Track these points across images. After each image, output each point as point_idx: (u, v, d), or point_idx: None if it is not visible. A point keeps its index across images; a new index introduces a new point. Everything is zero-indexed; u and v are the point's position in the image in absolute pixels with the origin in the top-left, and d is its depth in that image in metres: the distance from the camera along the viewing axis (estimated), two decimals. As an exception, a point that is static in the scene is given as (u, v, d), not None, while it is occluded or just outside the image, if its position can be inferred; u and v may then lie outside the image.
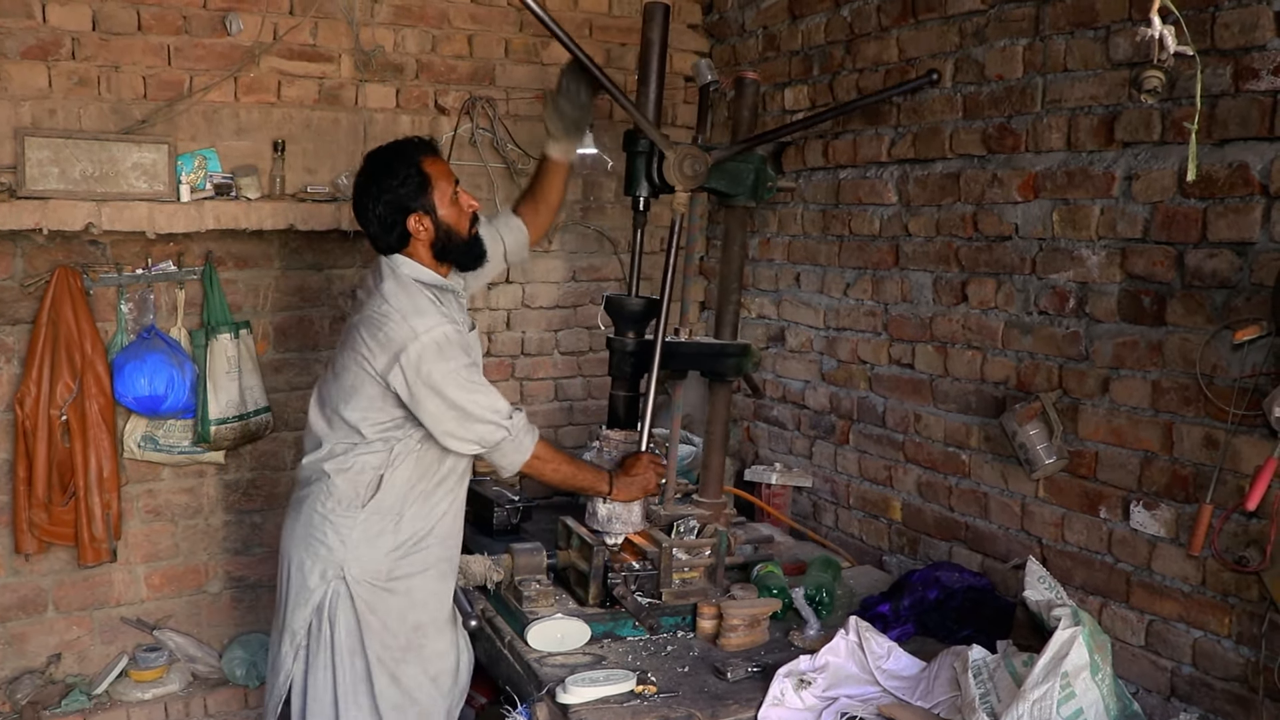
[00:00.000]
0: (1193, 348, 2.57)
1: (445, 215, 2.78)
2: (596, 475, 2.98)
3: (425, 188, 2.75)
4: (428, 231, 2.76)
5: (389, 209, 2.73)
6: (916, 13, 3.40)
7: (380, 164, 2.76)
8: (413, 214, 2.74)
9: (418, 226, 2.75)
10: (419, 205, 2.74)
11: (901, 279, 3.53)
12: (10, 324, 3.65)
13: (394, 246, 2.78)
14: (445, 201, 2.78)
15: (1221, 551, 2.50)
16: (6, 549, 3.73)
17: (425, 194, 2.74)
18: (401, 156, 2.75)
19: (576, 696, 2.55)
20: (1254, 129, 2.41)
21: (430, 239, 2.78)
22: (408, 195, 2.73)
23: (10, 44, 3.42)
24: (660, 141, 3.05)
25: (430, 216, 2.76)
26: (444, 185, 2.78)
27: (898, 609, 3.00)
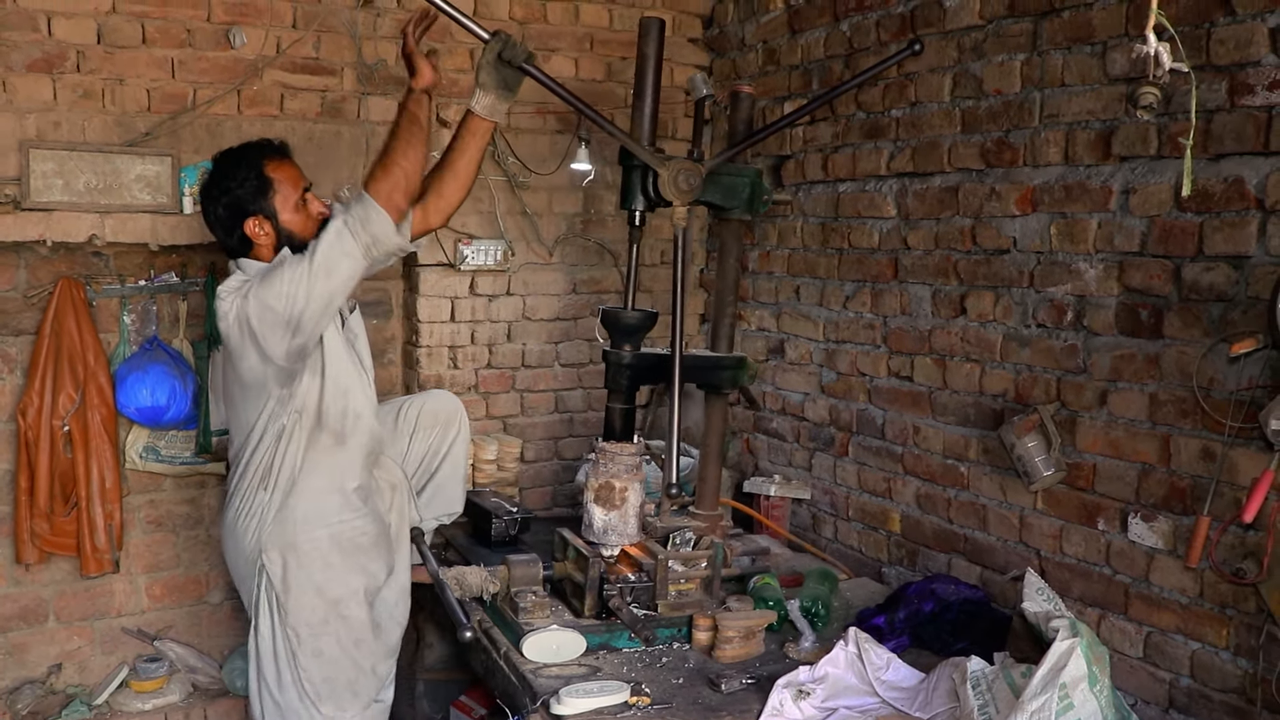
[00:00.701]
0: (1190, 360, 2.58)
1: (287, 221, 2.76)
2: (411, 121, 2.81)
3: (265, 192, 2.73)
4: (268, 236, 2.76)
5: (228, 211, 2.73)
6: (915, 27, 3.42)
7: (224, 165, 2.76)
8: (251, 217, 2.73)
9: (257, 230, 2.74)
10: (257, 209, 2.73)
11: (900, 292, 3.55)
12: (13, 335, 3.67)
13: (237, 250, 2.80)
14: (289, 207, 2.76)
15: (1219, 563, 2.51)
16: (8, 559, 3.74)
17: (265, 198, 2.73)
18: (244, 159, 2.74)
19: (571, 708, 2.55)
20: (1249, 144, 2.42)
21: (271, 243, 2.77)
22: (246, 198, 2.72)
23: (16, 57, 3.45)
24: (650, 159, 3.04)
25: (271, 221, 2.74)
26: (288, 190, 2.76)
27: (893, 621, 3.00)
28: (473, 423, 4.27)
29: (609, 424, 3.21)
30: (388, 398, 4.35)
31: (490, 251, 4.23)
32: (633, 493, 3.04)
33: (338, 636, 2.92)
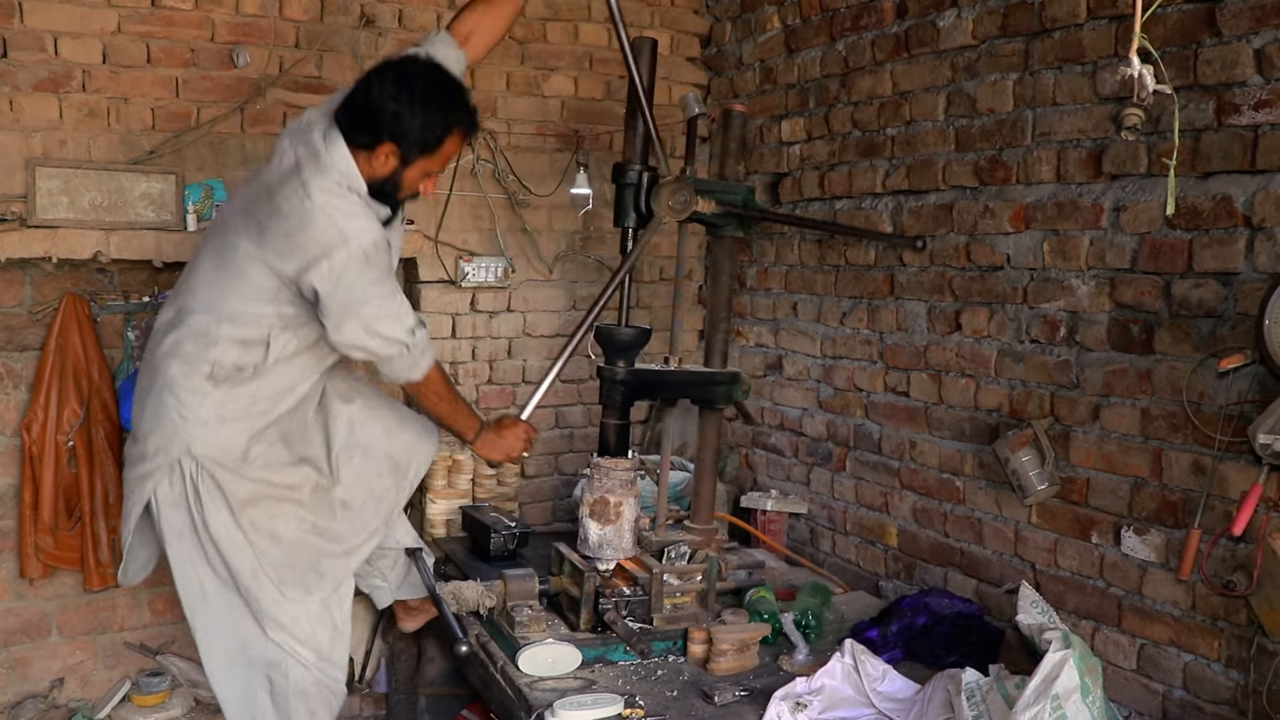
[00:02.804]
0: (1180, 376, 2.61)
1: (407, 177, 2.62)
2: (469, 421, 2.94)
3: (426, 147, 2.58)
4: (383, 166, 2.58)
5: (387, 121, 2.51)
6: (910, 47, 3.46)
7: (434, 92, 2.56)
8: (392, 144, 2.54)
9: (384, 157, 2.56)
10: (405, 148, 2.56)
11: (896, 308, 3.58)
12: (18, 350, 3.70)
13: (352, 139, 2.54)
14: (418, 171, 2.64)
15: (1210, 576, 2.53)
16: (11, 574, 3.76)
17: (419, 149, 2.57)
18: (449, 107, 2.57)
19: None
20: (1236, 162, 2.46)
21: (375, 174, 2.59)
22: (411, 134, 2.54)
23: (23, 76, 3.50)
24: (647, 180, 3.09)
25: (399, 164, 2.59)
26: (436, 163, 2.66)
27: (886, 635, 3.02)
28: (473, 438, 4.30)
29: (604, 440, 3.24)
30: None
31: (491, 269, 4.27)
32: (627, 507, 3.07)
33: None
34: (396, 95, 2.50)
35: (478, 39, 2.86)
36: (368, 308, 2.56)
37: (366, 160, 2.58)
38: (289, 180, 2.53)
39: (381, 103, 2.51)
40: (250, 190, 2.66)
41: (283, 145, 2.64)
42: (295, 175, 2.53)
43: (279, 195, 2.53)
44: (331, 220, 2.49)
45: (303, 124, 2.67)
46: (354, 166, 2.56)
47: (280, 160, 2.61)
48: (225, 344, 2.64)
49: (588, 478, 3.12)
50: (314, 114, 2.69)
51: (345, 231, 2.50)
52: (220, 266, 2.64)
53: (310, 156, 2.55)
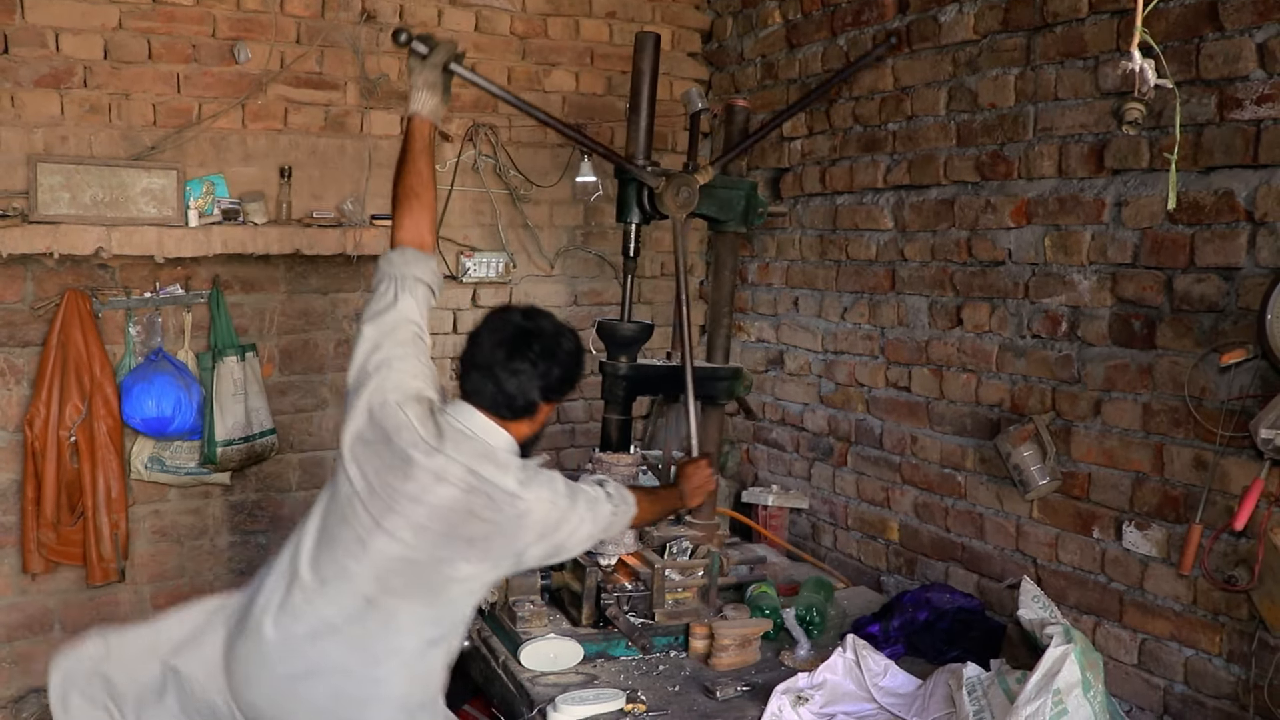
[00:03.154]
0: (1182, 371, 2.61)
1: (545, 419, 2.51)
2: (672, 501, 2.85)
3: (572, 384, 2.48)
4: (537, 425, 2.45)
5: (557, 384, 2.39)
6: (911, 42, 3.46)
7: (575, 345, 2.47)
8: (550, 403, 2.43)
9: (545, 414, 2.44)
10: (560, 396, 2.46)
11: (898, 303, 3.58)
12: (20, 346, 3.70)
13: (504, 411, 2.35)
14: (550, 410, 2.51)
15: (1211, 571, 2.54)
16: (14, 569, 3.77)
17: (567, 393, 2.48)
18: (576, 351, 2.47)
19: (567, 715, 2.58)
20: (1238, 157, 2.46)
21: (532, 433, 2.45)
22: (562, 386, 2.43)
23: (24, 72, 3.50)
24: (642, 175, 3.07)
25: (551, 412, 2.51)
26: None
27: (887, 629, 3.03)
28: (474, 433, 4.30)
29: (605, 435, 3.24)
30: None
31: (492, 264, 4.27)
32: (630, 503, 3.07)
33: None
34: (548, 371, 2.38)
35: (428, 235, 2.66)
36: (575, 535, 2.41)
37: (525, 426, 2.42)
38: (480, 495, 2.27)
39: (531, 381, 2.36)
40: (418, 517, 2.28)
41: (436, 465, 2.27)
42: (485, 488, 2.28)
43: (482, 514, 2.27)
44: (540, 500, 2.33)
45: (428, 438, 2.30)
46: (506, 434, 2.38)
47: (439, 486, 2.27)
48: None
49: (589, 473, 3.12)
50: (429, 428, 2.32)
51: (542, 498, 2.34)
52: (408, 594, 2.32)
53: (484, 459, 2.30)
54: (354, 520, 2.26)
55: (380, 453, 2.26)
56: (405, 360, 2.37)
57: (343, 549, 2.26)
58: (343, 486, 2.29)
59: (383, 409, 2.28)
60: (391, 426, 2.26)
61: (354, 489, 2.26)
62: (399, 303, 2.43)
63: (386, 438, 2.26)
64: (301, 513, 4.19)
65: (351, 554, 2.25)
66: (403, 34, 2.64)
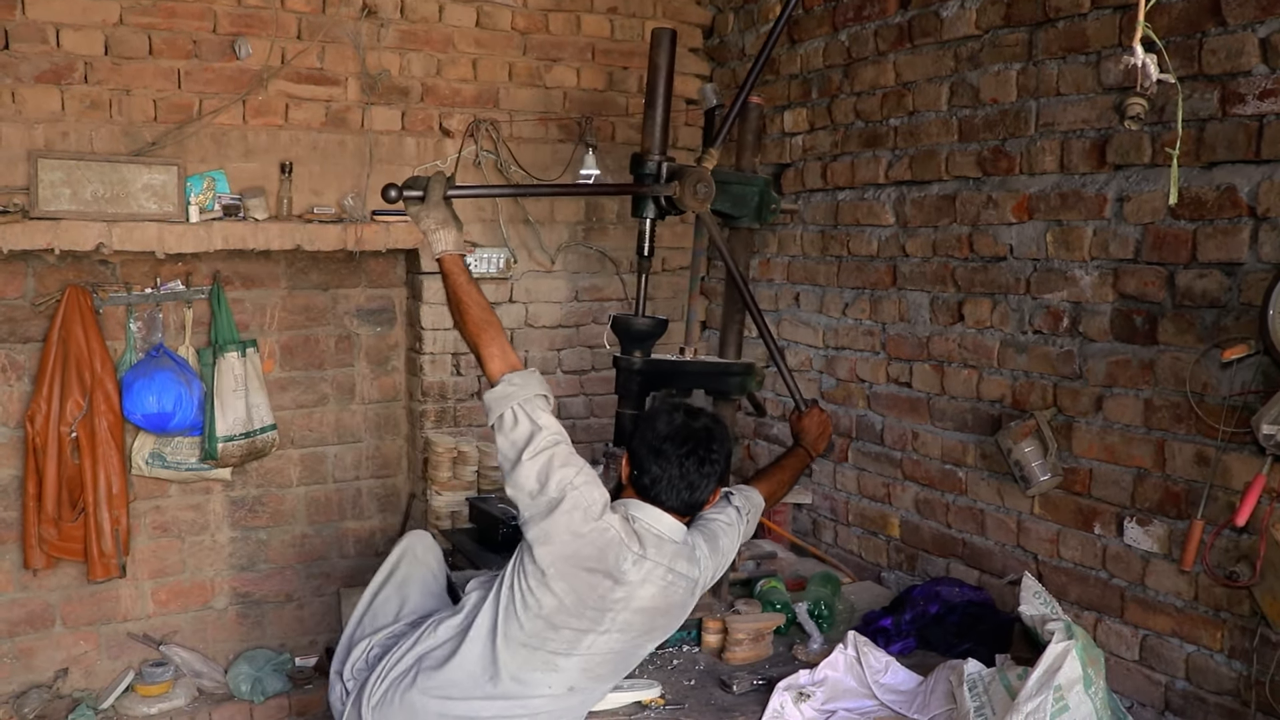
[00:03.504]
0: (1183, 366, 2.61)
1: None
2: (795, 461, 3.05)
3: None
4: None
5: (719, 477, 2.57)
6: (913, 38, 3.46)
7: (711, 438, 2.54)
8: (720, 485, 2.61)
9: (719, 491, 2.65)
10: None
11: (899, 299, 3.58)
12: (21, 342, 3.71)
13: (692, 509, 2.56)
14: None
15: (1213, 567, 2.53)
16: (15, 564, 3.77)
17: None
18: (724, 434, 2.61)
19: (606, 702, 2.60)
20: (1241, 152, 2.45)
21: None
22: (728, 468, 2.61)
23: (25, 68, 3.50)
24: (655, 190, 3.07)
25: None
26: None
27: (899, 623, 3.03)
28: (476, 429, 4.31)
29: (619, 429, 3.23)
30: (391, 403, 4.40)
31: (493, 259, 4.27)
32: (643, 498, 3.07)
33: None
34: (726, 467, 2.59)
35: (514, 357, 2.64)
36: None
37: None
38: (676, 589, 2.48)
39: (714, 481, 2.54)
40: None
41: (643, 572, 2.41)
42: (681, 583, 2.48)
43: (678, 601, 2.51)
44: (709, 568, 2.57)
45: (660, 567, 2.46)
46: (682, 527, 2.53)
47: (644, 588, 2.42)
48: None
49: (603, 468, 3.12)
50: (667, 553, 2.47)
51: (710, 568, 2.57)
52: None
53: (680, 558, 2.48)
54: (562, 628, 2.37)
55: (593, 571, 2.36)
56: (581, 474, 2.42)
57: (547, 652, 2.39)
58: (545, 599, 2.35)
59: (589, 529, 2.36)
60: (602, 544, 2.36)
61: (562, 603, 2.35)
62: (539, 422, 2.44)
63: (600, 555, 2.36)
64: (302, 510, 4.22)
65: (559, 654, 2.39)
66: (391, 190, 2.59)
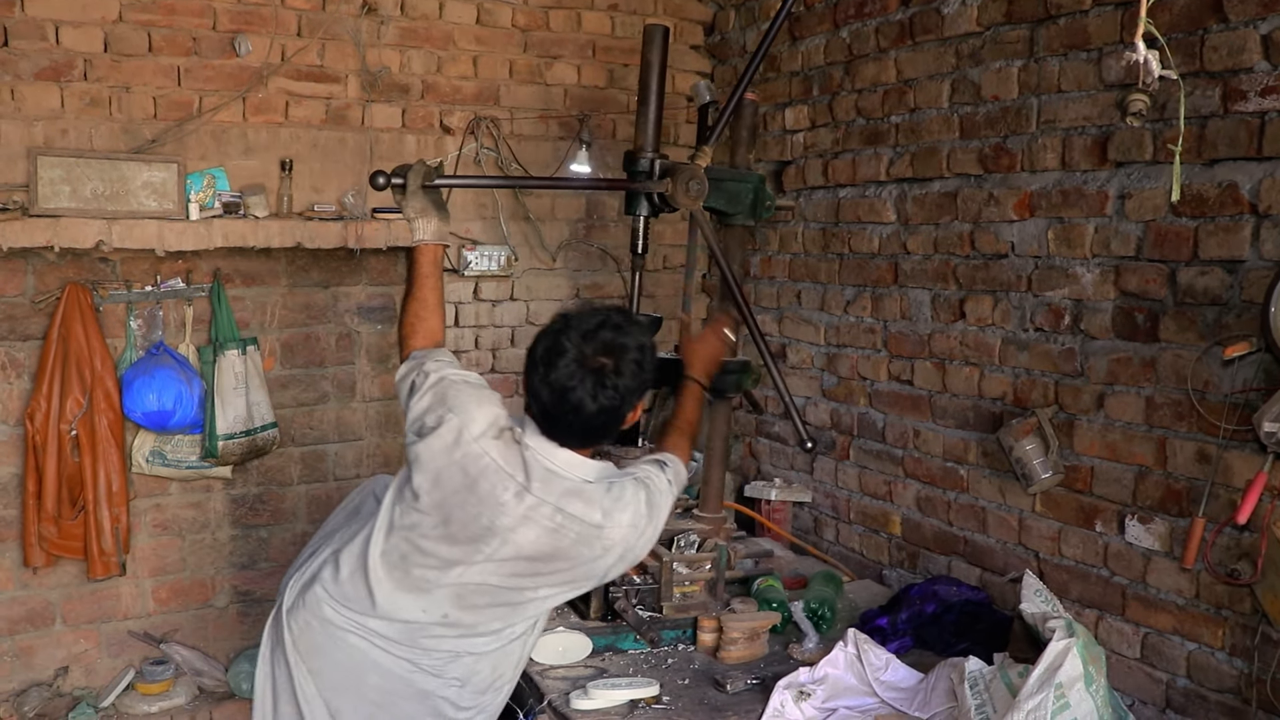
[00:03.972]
0: (1185, 364, 2.60)
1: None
2: (690, 401, 2.74)
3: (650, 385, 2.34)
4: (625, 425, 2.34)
5: (641, 391, 2.30)
6: (914, 34, 3.45)
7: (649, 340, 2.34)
8: (635, 410, 2.33)
9: (635, 415, 2.34)
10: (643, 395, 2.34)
11: (900, 296, 3.57)
12: (21, 340, 3.70)
13: (596, 437, 2.32)
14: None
15: (1214, 565, 2.53)
16: (15, 562, 3.77)
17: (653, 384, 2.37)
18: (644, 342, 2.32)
19: (603, 700, 2.60)
20: (1243, 149, 2.45)
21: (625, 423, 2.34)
22: (644, 388, 2.31)
23: (24, 65, 3.49)
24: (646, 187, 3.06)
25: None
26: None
27: (895, 622, 3.03)
28: (476, 427, 4.30)
29: (614, 427, 3.23)
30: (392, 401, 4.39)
31: (494, 257, 4.26)
32: (636, 496, 3.06)
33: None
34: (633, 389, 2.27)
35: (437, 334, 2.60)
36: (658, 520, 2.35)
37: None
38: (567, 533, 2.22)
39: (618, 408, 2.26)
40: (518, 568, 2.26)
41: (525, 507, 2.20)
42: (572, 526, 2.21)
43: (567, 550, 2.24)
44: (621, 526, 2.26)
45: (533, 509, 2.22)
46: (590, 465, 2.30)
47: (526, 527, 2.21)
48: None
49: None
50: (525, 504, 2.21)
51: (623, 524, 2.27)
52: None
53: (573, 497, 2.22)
54: (430, 553, 2.22)
55: (465, 498, 2.17)
56: (468, 397, 2.25)
57: (416, 575, 2.24)
58: (417, 522, 2.22)
59: (461, 453, 2.18)
60: (475, 471, 2.17)
61: (432, 528, 2.21)
62: (426, 369, 2.35)
63: (472, 482, 2.17)
64: (303, 508, 4.21)
65: (429, 579, 2.24)
66: (380, 177, 2.56)
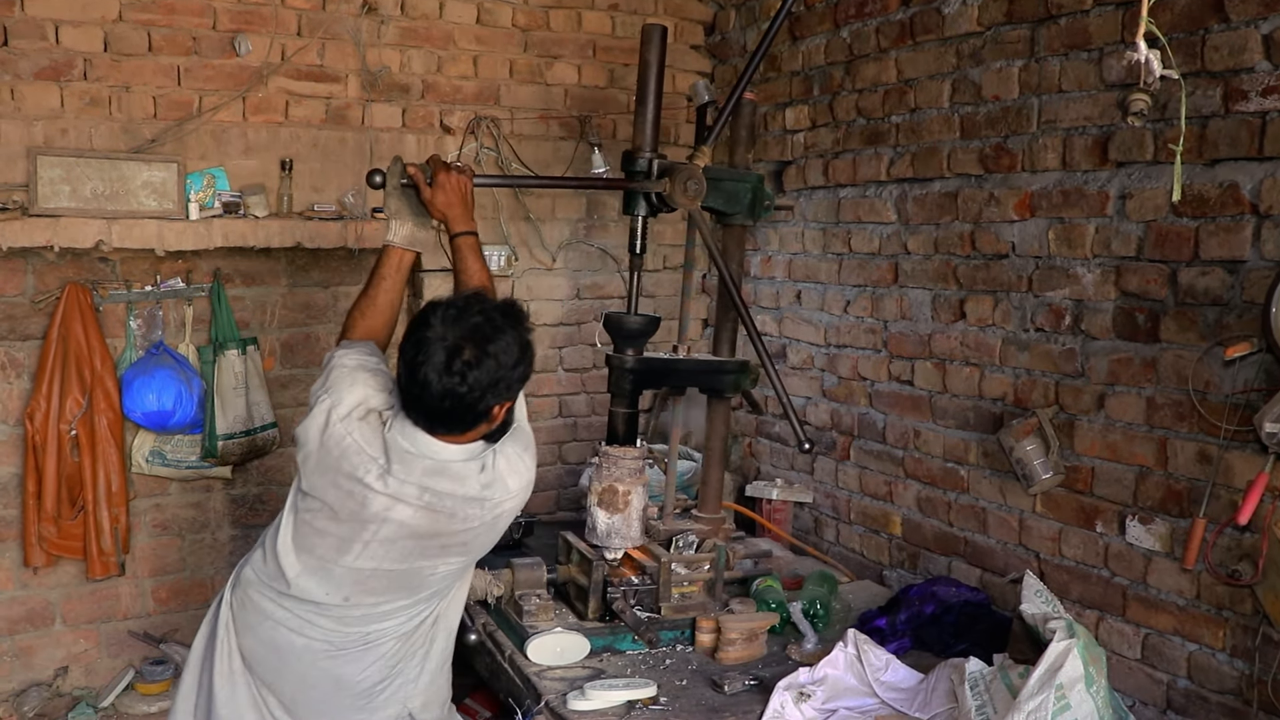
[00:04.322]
0: (1186, 364, 2.60)
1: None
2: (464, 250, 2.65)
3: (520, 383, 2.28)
4: (498, 420, 2.27)
5: (506, 389, 2.21)
6: (914, 34, 3.45)
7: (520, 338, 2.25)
8: (501, 404, 2.24)
9: (498, 413, 2.25)
10: (516, 393, 2.28)
11: (901, 296, 3.57)
12: (21, 340, 3.70)
13: (463, 427, 2.22)
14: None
15: (1215, 565, 2.53)
16: (15, 562, 3.77)
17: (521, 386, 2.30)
18: (529, 344, 2.28)
19: (600, 700, 2.59)
20: (1244, 149, 2.45)
21: (490, 429, 2.28)
22: (518, 382, 2.25)
23: (24, 65, 3.49)
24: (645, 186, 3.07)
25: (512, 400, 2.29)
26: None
27: (894, 623, 3.02)
28: (476, 427, 4.30)
29: (612, 428, 3.23)
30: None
31: (494, 257, 4.25)
32: (636, 496, 3.06)
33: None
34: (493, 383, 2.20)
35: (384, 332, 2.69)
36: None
37: (485, 426, 2.26)
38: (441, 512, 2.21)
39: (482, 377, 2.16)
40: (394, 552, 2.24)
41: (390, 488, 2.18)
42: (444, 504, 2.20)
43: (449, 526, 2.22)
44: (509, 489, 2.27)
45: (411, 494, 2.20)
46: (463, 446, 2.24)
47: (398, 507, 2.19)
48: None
49: (596, 466, 3.11)
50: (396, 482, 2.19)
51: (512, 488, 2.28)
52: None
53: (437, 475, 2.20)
54: (326, 534, 2.21)
55: (339, 479, 2.17)
56: (345, 380, 2.26)
57: (316, 557, 2.23)
58: (307, 504, 2.23)
59: (328, 434, 2.18)
60: (339, 452, 2.16)
61: (320, 509, 2.20)
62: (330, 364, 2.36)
63: (337, 462, 2.16)
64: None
65: (328, 560, 2.22)
66: (376, 175, 2.67)
